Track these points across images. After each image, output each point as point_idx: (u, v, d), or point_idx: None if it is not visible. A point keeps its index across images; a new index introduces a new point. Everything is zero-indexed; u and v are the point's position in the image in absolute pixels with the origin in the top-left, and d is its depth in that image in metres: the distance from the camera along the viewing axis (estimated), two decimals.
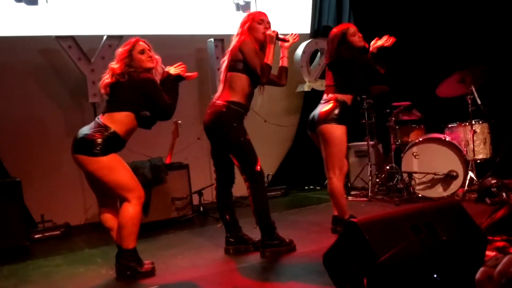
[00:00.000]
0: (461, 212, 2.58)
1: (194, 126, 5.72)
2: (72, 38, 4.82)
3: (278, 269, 3.22)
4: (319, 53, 6.35)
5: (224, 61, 3.52)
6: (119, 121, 3.11)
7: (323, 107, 3.80)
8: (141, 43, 3.26)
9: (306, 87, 6.19)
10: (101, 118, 3.15)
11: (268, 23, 3.52)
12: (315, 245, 3.57)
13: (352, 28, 3.86)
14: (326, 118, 3.72)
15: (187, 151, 5.51)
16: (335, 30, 3.91)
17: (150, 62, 3.25)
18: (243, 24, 3.51)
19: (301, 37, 6.42)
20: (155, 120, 3.30)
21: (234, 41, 3.50)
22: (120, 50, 3.25)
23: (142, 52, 3.23)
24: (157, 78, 3.30)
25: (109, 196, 3.24)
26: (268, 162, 6.16)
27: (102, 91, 3.22)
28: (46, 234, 4.64)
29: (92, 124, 3.16)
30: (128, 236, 3.14)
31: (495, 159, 5.06)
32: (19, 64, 5.00)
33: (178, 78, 3.39)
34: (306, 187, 6.26)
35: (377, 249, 2.20)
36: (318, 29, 6.48)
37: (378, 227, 2.29)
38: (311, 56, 6.27)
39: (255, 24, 3.47)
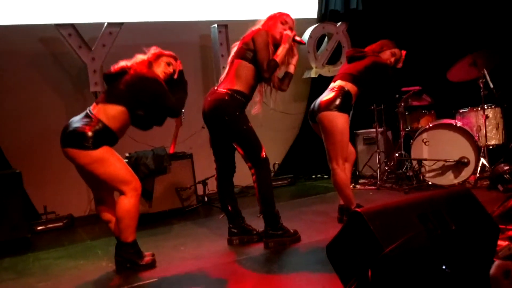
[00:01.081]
0: (471, 200, 2.45)
1: (198, 114, 5.46)
2: (72, 26, 4.73)
3: (282, 260, 3.12)
4: (326, 38, 6.19)
5: (235, 46, 3.42)
6: (112, 116, 3.00)
7: (325, 96, 3.67)
8: (173, 59, 3.29)
9: (313, 73, 6.04)
10: (93, 110, 3.04)
11: (291, 27, 3.43)
12: (320, 235, 3.47)
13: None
14: (327, 106, 3.58)
15: (191, 140, 5.41)
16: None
17: (163, 74, 3.22)
18: (268, 19, 3.44)
19: (308, 22, 6.36)
20: (151, 124, 3.23)
21: (251, 29, 3.39)
22: (157, 50, 3.26)
23: (169, 64, 3.25)
24: None
25: (103, 188, 3.14)
26: (274, 151, 6.05)
27: (115, 70, 3.12)
28: (49, 225, 4.60)
29: (83, 115, 3.05)
30: (126, 229, 3.05)
31: (508, 145, 4.89)
32: (19, 53, 4.93)
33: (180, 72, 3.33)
34: (313, 176, 6.14)
35: (382, 240, 2.09)
36: (325, 13, 6.32)
37: (384, 217, 2.17)
38: (318, 41, 6.11)
39: (278, 22, 3.40)
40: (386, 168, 5.26)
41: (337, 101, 3.58)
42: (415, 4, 5.90)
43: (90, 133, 2.92)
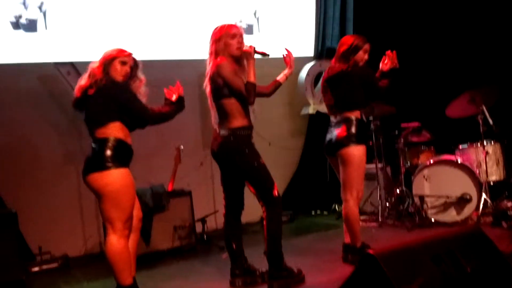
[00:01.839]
0: (483, 239, 2.41)
1: (197, 151, 5.58)
2: (72, 64, 4.72)
3: None
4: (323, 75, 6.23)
5: (207, 87, 3.36)
6: (114, 129, 2.94)
7: (338, 129, 3.64)
8: (126, 56, 3.08)
9: (310, 110, 6.06)
10: (96, 136, 2.97)
11: (241, 36, 3.33)
12: (326, 275, 3.40)
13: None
14: (344, 139, 3.57)
15: (189, 177, 5.35)
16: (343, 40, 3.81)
17: (121, 77, 3.03)
18: (214, 42, 3.32)
19: (305, 60, 6.42)
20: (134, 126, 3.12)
21: (209, 64, 3.33)
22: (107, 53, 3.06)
23: (124, 63, 3.05)
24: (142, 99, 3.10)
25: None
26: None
27: (77, 94, 3.01)
28: (44, 267, 4.45)
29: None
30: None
31: (509, 181, 4.87)
32: (16, 90, 4.89)
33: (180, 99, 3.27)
34: (313, 213, 6.06)
35: (397, 283, 2.03)
36: (322, 51, 6.39)
37: (397, 259, 2.12)
38: (315, 78, 6.15)
39: (228, 39, 3.28)
40: (387, 204, 5.21)
41: (353, 131, 3.57)
42: (414, 40, 5.98)
43: (108, 152, 2.90)
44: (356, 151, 3.55)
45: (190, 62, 5.58)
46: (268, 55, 3.35)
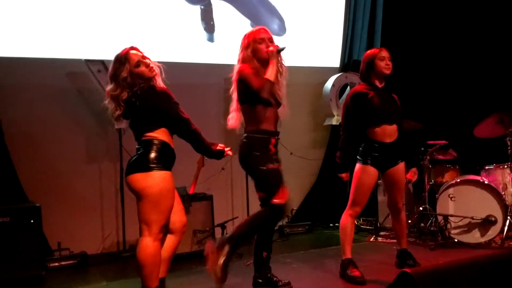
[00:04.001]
0: None
1: None
2: (102, 62, 4.74)
3: None
4: (348, 87, 6.20)
5: (233, 92, 3.38)
6: (160, 132, 2.93)
7: None
8: (132, 52, 2.95)
9: (334, 121, 6.02)
10: (142, 139, 2.94)
11: (269, 39, 3.32)
12: None
13: (384, 52, 3.72)
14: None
15: (210, 181, 5.34)
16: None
17: (150, 72, 2.94)
18: (243, 48, 3.33)
19: (331, 71, 6.40)
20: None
21: (236, 69, 3.34)
22: (111, 70, 2.94)
23: (138, 65, 2.92)
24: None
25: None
26: (292, 196, 5.90)
27: (118, 124, 3.02)
28: (62, 263, 4.45)
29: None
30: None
31: None
32: (45, 86, 4.92)
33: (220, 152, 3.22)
34: (331, 224, 6.01)
35: None
36: (348, 63, 6.37)
37: (435, 280, 2.08)
38: (340, 89, 6.12)
39: (257, 45, 3.28)
40: (409, 221, 5.14)
41: (359, 152, 3.73)
42: (444, 56, 5.93)
43: (153, 154, 2.89)
44: (356, 168, 3.73)
45: (217, 66, 5.60)
46: (283, 48, 3.27)
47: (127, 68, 2.89)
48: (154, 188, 2.82)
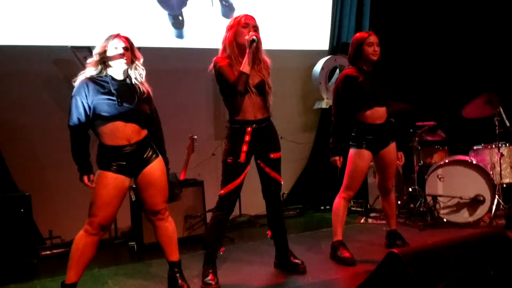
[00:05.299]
0: (507, 243, 2.39)
1: (209, 142, 5.56)
2: (89, 49, 4.68)
3: None
4: (337, 70, 6.20)
5: None
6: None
7: None
8: (119, 37, 3.05)
9: (324, 104, 6.02)
10: None
11: (254, 27, 3.30)
12: (333, 272, 3.44)
13: (373, 37, 3.71)
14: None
15: (201, 167, 5.33)
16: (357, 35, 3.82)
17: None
18: (228, 29, 3.35)
19: (320, 54, 6.38)
20: None
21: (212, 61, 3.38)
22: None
23: (115, 47, 3.01)
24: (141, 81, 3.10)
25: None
26: (283, 180, 5.96)
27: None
28: (54, 251, 4.46)
29: None
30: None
31: None
32: (33, 73, 4.87)
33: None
34: (322, 207, 6.05)
35: (421, 284, 2.01)
36: (337, 46, 6.34)
37: (421, 259, 2.10)
38: (329, 72, 6.11)
39: (240, 28, 3.27)
40: (398, 202, 5.18)
41: (352, 137, 3.78)
42: (432, 37, 5.92)
43: None
44: (350, 153, 3.78)
45: (206, 50, 5.55)
46: (254, 40, 3.20)
47: (104, 46, 3.00)
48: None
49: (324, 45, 6.41)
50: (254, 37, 3.18)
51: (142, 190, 3.10)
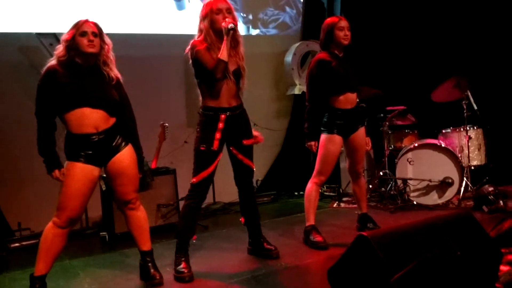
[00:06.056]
0: (473, 224, 2.44)
1: (181, 129, 5.50)
2: (54, 35, 4.56)
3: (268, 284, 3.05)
4: (310, 55, 6.20)
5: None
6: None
7: None
8: (88, 23, 2.95)
9: (296, 90, 6.03)
10: None
11: (227, 9, 3.21)
12: (306, 257, 3.46)
13: (343, 22, 3.70)
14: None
15: (173, 155, 5.28)
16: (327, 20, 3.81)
17: (88, 47, 2.90)
18: (201, 18, 3.27)
19: (292, 39, 6.37)
20: None
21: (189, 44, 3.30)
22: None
23: (84, 34, 2.91)
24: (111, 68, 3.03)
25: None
26: (257, 167, 5.89)
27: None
28: (24, 243, 4.36)
29: None
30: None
31: (490, 166, 4.96)
32: None
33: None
34: (296, 193, 6.08)
35: (389, 266, 2.04)
36: (309, 31, 6.33)
37: (390, 241, 2.13)
38: (301, 58, 6.11)
39: (214, 15, 3.20)
40: (370, 186, 5.25)
41: (323, 123, 3.77)
42: (402, 22, 5.95)
43: None
44: (322, 138, 3.78)
45: (177, 36, 5.48)
46: (232, 27, 3.13)
47: (72, 32, 2.92)
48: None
49: (296, 30, 6.39)
50: (232, 24, 3.12)
51: (111, 179, 3.05)
